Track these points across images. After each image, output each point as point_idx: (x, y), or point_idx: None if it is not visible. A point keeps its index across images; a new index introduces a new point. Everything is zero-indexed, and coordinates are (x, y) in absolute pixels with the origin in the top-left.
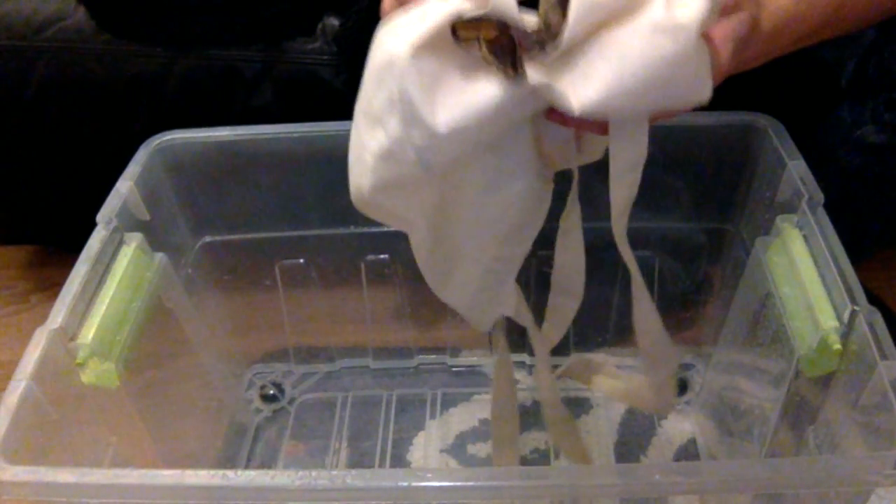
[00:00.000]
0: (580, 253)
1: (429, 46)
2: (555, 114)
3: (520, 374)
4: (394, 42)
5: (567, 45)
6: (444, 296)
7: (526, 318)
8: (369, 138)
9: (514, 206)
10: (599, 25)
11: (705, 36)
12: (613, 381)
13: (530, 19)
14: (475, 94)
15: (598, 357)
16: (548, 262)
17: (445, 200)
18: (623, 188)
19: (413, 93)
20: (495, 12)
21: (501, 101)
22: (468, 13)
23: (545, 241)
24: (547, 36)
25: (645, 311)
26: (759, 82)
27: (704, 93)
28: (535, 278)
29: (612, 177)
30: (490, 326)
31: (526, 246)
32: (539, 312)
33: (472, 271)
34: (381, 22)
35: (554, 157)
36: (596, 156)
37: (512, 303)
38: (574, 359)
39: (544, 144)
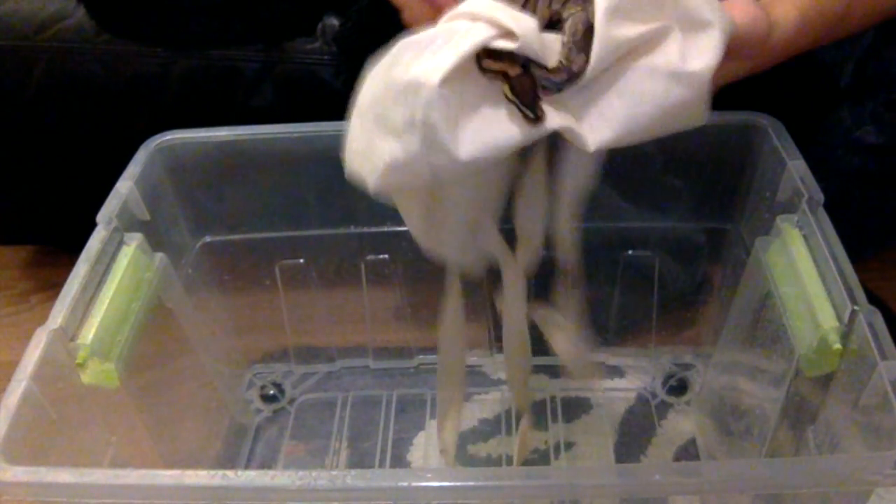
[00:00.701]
0: (541, 205)
1: (455, 75)
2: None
3: (536, 377)
4: (421, 67)
5: (586, 83)
6: (432, 251)
7: (501, 250)
8: (382, 143)
9: (502, 180)
10: (616, 60)
11: None
12: (559, 337)
13: (552, 52)
14: (497, 130)
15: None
16: (549, 261)
17: (439, 187)
18: (575, 181)
19: (438, 123)
20: (523, 49)
21: (521, 138)
22: (494, 43)
23: (547, 241)
24: (568, 75)
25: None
26: (759, 82)
27: (699, 123)
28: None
29: (566, 171)
30: (479, 272)
31: (504, 198)
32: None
33: (458, 229)
34: (407, 32)
35: None
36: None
37: (492, 240)
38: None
39: None
